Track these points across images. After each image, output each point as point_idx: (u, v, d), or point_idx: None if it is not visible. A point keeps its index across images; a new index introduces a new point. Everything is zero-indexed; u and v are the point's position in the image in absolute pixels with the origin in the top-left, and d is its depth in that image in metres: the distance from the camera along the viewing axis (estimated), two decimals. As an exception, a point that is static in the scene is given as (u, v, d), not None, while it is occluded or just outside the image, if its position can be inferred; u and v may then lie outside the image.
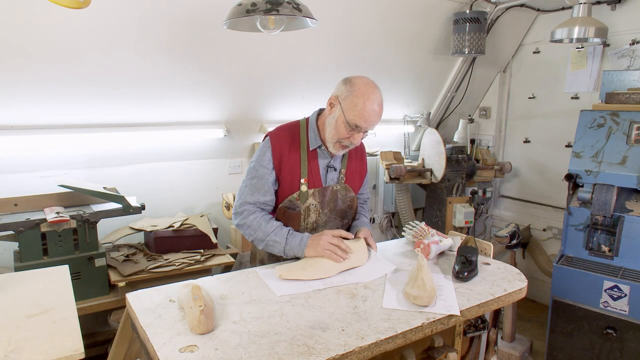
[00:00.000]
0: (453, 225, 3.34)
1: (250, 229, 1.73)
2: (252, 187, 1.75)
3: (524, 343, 3.05)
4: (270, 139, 1.77)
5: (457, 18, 3.14)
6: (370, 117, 1.65)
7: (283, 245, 1.70)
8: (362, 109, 1.62)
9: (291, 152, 1.75)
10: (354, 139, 1.69)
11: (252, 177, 1.76)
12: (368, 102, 1.63)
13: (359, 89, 1.64)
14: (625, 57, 3.00)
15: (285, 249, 1.70)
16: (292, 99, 2.99)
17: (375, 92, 1.66)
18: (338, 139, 1.70)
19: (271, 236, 1.70)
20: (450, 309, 1.40)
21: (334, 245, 1.65)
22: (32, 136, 2.22)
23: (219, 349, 1.16)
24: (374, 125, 1.70)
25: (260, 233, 1.72)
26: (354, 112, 1.63)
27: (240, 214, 1.76)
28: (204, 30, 2.37)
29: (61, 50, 2.10)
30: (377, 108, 1.66)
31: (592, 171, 2.45)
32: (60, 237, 2.05)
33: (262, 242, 1.73)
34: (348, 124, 1.65)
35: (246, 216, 1.74)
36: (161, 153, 2.70)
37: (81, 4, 1.42)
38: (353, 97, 1.63)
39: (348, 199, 1.87)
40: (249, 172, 1.78)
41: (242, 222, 1.75)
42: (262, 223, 1.72)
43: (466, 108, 3.88)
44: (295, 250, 1.70)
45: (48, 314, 1.30)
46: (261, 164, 1.75)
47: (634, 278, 2.30)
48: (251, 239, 1.75)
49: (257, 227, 1.72)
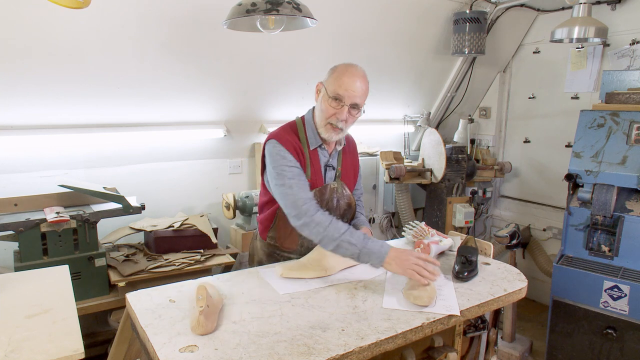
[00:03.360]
0: (453, 225, 3.34)
1: (319, 226, 1.57)
2: (299, 184, 1.64)
3: (524, 343, 3.05)
4: (280, 142, 1.70)
5: (457, 18, 3.13)
6: (349, 86, 1.65)
7: (359, 249, 1.55)
8: (341, 79, 1.65)
9: (301, 152, 1.74)
10: (340, 114, 1.67)
11: (290, 177, 1.65)
12: (347, 73, 1.66)
13: (339, 67, 1.70)
14: (625, 57, 3.00)
15: (361, 253, 1.55)
16: (292, 99, 2.99)
17: (355, 67, 1.69)
18: (326, 119, 1.70)
19: (346, 236, 1.56)
20: (450, 309, 1.40)
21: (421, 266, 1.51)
22: (32, 136, 2.22)
23: (219, 349, 1.16)
24: (357, 97, 1.67)
25: (333, 230, 1.56)
26: (333, 85, 1.66)
27: (304, 213, 1.60)
28: (204, 30, 2.37)
29: (61, 50, 2.10)
30: (358, 80, 1.66)
31: (592, 171, 2.45)
32: (60, 237, 2.05)
33: (334, 242, 1.56)
34: (330, 98, 1.67)
35: (313, 213, 1.59)
36: (161, 153, 2.70)
37: (81, 4, 1.42)
38: (334, 74, 1.69)
39: (345, 197, 1.86)
40: (280, 177, 1.65)
41: (309, 219, 1.59)
42: (332, 220, 1.59)
43: (466, 108, 3.88)
44: (373, 257, 1.55)
45: (48, 314, 1.30)
46: (288, 164, 1.67)
47: (634, 278, 2.30)
48: (320, 237, 1.59)
49: (328, 225, 1.57)
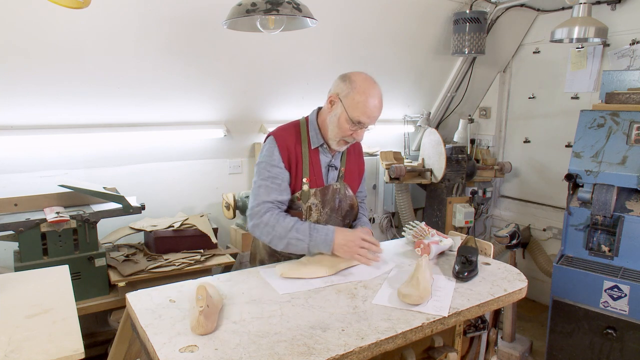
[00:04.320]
0: (453, 225, 3.34)
1: (268, 226, 1.64)
2: (267, 187, 1.70)
3: (524, 343, 3.05)
4: (275, 139, 1.74)
5: (457, 18, 3.13)
6: (372, 112, 1.67)
7: (307, 243, 1.62)
8: (365, 106, 1.64)
9: (295, 152, 1.75)
10: (357, 135, 1.71)
11: (266, 177, 1.70)
12: (370, 98, 1.64)
13: (359, 85, 1.65)
14: (625, 57, 3.00)
15: (309, 246, 1.63)
16: (292, 99, 2.99)
17: (375, 87, 1.68)
18: (342, 136, 1.71)
19: (292, 233, 1.62)
20: (440, 309, 1.39)
21: (365, 250, 1.62)
22: (32, 136, 2.22)
23: (219, 349, 1.16)
24: (376, 119, 1.71)
25: (280, 229, 1.63)
26: (357, 109, 1.64)
27: (256, 214, 1.67)
28: (204, 30, 2.37)
29: (61, 50, 2.10)
30: (378, 103, 1.68)
31: (592, 171, 2.45)
32: (60, 237, 2.05)
33: (283, 240, 1.64)
34: (351, 120, 1.66)
35: (262, 215, 1.66)
36: (161, 153, 2.70)
37: (81, 4, 1.42)
38: (354, 94, 1.64)
39: (348, 197, 1.87)
40: (260, 173, 1.72)
41: (258, 221, 1.66)
42: (279, 219, 1.65)
43: (466, 108, 3.88)
44: (321, 246, 1.63)
45: (48, 314, 1.30)
46: (272, 163, 1.71)
47: (634, 278, 2.30)
48: (269, 238, 1.66)
49: (275, 224, 1.63)
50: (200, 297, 1.27)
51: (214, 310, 1.28)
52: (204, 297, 1.27)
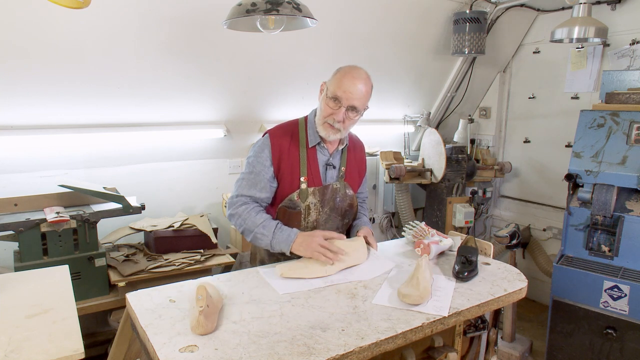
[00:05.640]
0: (453, 225, 3.34)
1: (241, 218, 1.73)
2: (249, 181, 1.76)
3: (524, 343, 3.05)
4: (269, 137, 1.78)
5: (457, 18, 3.13)
6: (349, 87, 1.67)
7: (270, 239, 1.68)
8: (341, 81, 1.68)
9: (290, 151, 1.76)
10: (337, 115, 1.69)
11: (250, 172, 1.77)
12: (348, 75, 1.69)
13: (343, 68, 1.73)
14: (625, 57, 3.00)
15: (272, 243, 1.69)
16: (292, 99, 2.99)
17: (357, 69, 1.72)
18: (323, 117, 1.73)
19: (259, 228, 1.69)
20: (440, 309, 1.39)
21: (324, 248, 1.64)
22: (32, 136, 2.22)
23: (219, 349, 1.16)
24: (355, 99, 1.68)
25: (250, 223, 1.71)
26: (334, 85, 1.70)
27: (232, 205, 1.76)
28: (204, 30, 2.37)
29: (61, 50, 2.10)
30: (358, 83, 1.68)
31: (592, 171, 2.45)
32: (60, 237, 2.05)
33: (251, 234, 1.72)
34: (329, 98, 1.70)
35: (238, 206, 1.74)
36: (161, 153, 2.69)
37: (81, 4, 1.42)
38: (336, 74, 1.73)
39: (348, 197, 1.87)
40: (247, 166, 1.80)
41: (234, 211, 1.75)
42: (251, 213, 1.72)
43: (466, 108, 3.88)
44: (282, 245, 1.68)
45: (48, 314, 1.30)
46: (259, 160, 1.76)
47: (634, 278, 2.30)
48: (241, 229, 1.75)
49: (247, 217, 1.72)
50: (200, 297, 1.27)
51: (214, 310, 1.28)
52: (204, 297, 1.27)
